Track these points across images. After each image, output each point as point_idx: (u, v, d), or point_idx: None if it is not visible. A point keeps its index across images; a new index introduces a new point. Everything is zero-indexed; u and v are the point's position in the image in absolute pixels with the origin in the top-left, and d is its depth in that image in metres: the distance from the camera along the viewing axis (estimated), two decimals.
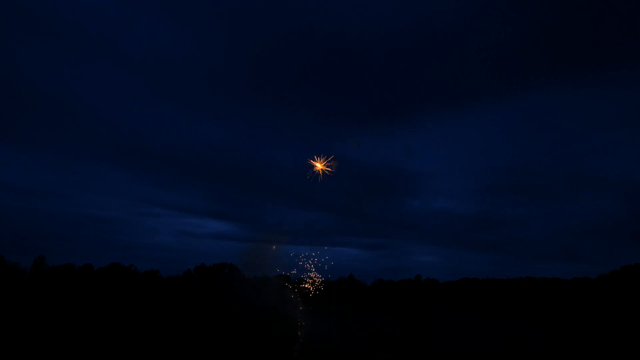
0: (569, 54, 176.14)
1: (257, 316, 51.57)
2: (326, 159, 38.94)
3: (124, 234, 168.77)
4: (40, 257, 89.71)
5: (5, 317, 54.77)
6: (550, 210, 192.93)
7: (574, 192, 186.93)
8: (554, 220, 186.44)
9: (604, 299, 79.59)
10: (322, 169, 38.96)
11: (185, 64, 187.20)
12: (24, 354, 43.65)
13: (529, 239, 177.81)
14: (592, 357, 47.04)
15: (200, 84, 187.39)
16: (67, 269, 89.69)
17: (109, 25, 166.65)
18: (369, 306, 79.72)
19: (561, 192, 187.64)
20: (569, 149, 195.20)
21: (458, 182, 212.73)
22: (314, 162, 39.02)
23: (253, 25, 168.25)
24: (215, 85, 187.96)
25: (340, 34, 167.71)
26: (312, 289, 42.20)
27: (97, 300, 68.89)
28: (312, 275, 41.99)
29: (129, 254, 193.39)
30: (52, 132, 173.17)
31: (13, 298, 66.09)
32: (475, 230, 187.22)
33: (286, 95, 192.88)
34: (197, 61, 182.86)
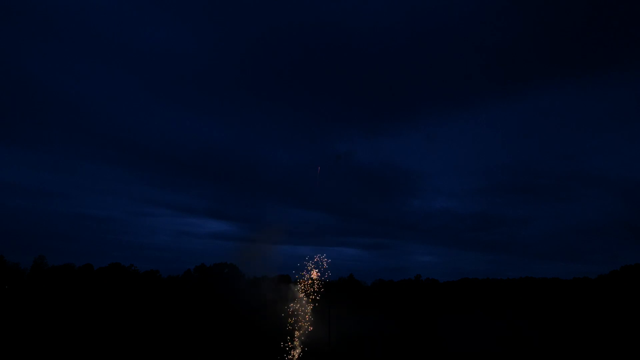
0: (569, 54, 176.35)
1: (257, 315, 51.57)
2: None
3: (124, 234, 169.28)
4: (40, 257, 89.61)
5: (5, 316, 54.88)
6: (551, 210, 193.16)
7: (574, 191, 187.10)
8: (554, 220, 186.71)
9: (604, 299, 79.46)
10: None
11: (185, 65, 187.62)
12: (24, 352, 43.69)
13: (529, 239, 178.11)
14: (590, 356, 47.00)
15: (200, 84, 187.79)
16: (67, 269, 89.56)
17: (109, 25, 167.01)
18: (369, 306, 79.52)
19: (561, 192, 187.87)
20: (569, 149, 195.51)
21: (458, 182, 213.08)
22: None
23: (252, 25, 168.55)
24: (215, 85, 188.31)
25: (339, 34, 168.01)
26: (312, 288, 42.10)
27: (97, 300, 68.90)
28: (312, 274, 41.85)
29: (128, 254, 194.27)
30: (52, 133, 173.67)
31: (13, 298, 66.20)
32: (475, 230, 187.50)
33: (286, 95, 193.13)
34: (197, 62, 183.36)
